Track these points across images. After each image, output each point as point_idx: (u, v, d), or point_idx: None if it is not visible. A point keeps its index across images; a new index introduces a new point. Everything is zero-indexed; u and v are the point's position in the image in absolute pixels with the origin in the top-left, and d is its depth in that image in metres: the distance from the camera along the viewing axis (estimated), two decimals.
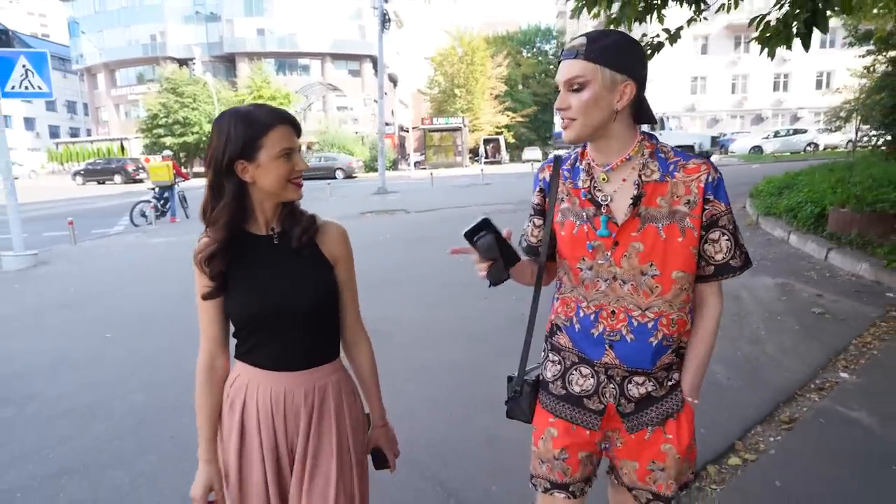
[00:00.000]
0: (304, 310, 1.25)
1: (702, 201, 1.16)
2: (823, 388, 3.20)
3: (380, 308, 4.85)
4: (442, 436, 2.81)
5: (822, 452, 2.59)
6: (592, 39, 1.14)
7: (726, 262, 1.19)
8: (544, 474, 1.34)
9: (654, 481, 1.27)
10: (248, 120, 1.16)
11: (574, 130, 1.16)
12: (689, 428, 1.27)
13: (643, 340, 1.20)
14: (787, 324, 4.16)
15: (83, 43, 45.56)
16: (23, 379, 3.73)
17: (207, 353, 1.28)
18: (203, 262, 1.20)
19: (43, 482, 2.53)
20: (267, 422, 1.24)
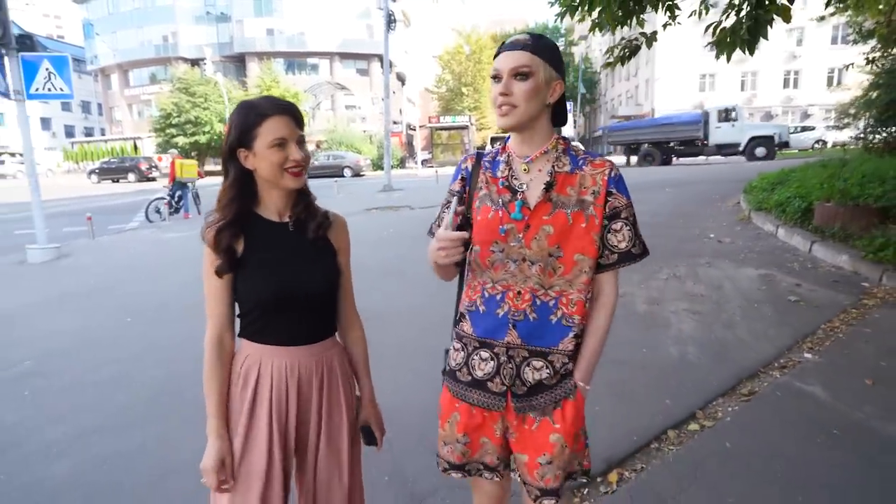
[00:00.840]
0: (320, 290, 1.36)
1: (605, 193, 1.28)
2: (786, 366, 3.46)
3: (381, 297, 5.17)
4: (429, 403, 3.10)
5: (773, 420, 2.85)
6: (536, 37, 1.26)
7: (628, 251, 1.30)
8: (445, 455, 1.43)
9: (542, 476, 1.32)
10: (247, 110, 1.25)
11: (514, 117, 1.25)
12: (578, 416, 1.32)
13: (544, 318, 1.28)
14: (762, 310, 4.41)
15: (97, 44, 46.33)
16: (54, 356, 4.08)
17: (216, 330, 1.32)
18: (212, 237, 1.26)
19: (75, 439, 2.87)
20: (280, 394, 1.31)
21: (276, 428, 1.30)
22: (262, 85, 36.14)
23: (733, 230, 7.40)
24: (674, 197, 10.35)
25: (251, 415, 1.30)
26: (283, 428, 1.32)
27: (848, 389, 3.10)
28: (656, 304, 4.65)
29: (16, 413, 3.21)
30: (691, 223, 7.94)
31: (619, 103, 48.65)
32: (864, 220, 5.68)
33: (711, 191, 10.91)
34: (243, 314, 1.34)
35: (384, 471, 2.49)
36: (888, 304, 4.39)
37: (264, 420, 1.30)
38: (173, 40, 45.15)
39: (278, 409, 1.31)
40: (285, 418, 1.32)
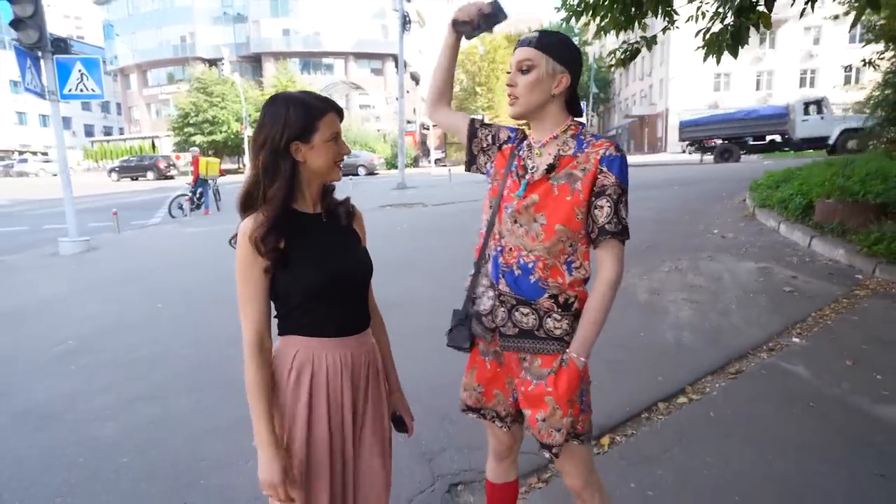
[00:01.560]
0: (365, 277, 1.40)
1: (595, 170, 1.35)
2: (774, 349, 3.69)
3: (397, 287, 5.46)
4: (439, 378, 3.39)
5: (755, 394, 3.09)
6: (544, 34, 1.38)
7: (603, 226, 1.35)
8: (465, 399, 1.62)
9: (539, 431, 1.44)
10: (305, 104, 1.26)
11: (518, 106, 1.40)
12: (570, 385, 1.38)
13: (525, 277, 1.40)
14: (757, 300, 4.63)
15: (117, 44, 47.29)
16: (94, 337, 4.43)
17: (255, 332, 1.27)
18: (259, 240, 1.23)
19: (121, 406, 3.19)
20: (336, 386, 1.32)
21: (335, 421, 1.32)
22: (278, 85, 36.69)
23: (737, 226, 7.59)
24: (682, 194, 10.53)
25: (310, 410, 1.30)
26: (341, 420, 1.33)
27: (828, 369, 3.32)
28: (656, 294, 4.88)
29: (66, 384, 3.55)
30: (697, 219, 8.13)
31: (632, 103, 48.55)
32: (863, 216, 5.85)
33: (719, 189, 11.06)
34: (289, 311, 1.32)
35: (400, 434, 2.77)
36: (878, 294, 4.58)
37: (324, 415, 1.31)
38: (191, 41, 45.95)
39: (336, 401, 1.32)
40: (341, 410, 1.33)
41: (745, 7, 3.37)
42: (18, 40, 7.28)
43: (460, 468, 2.50)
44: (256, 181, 1.27)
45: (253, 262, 1.25)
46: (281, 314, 1.34)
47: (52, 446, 2.78)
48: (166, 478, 2.48)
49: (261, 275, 1.26)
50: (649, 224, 7.74)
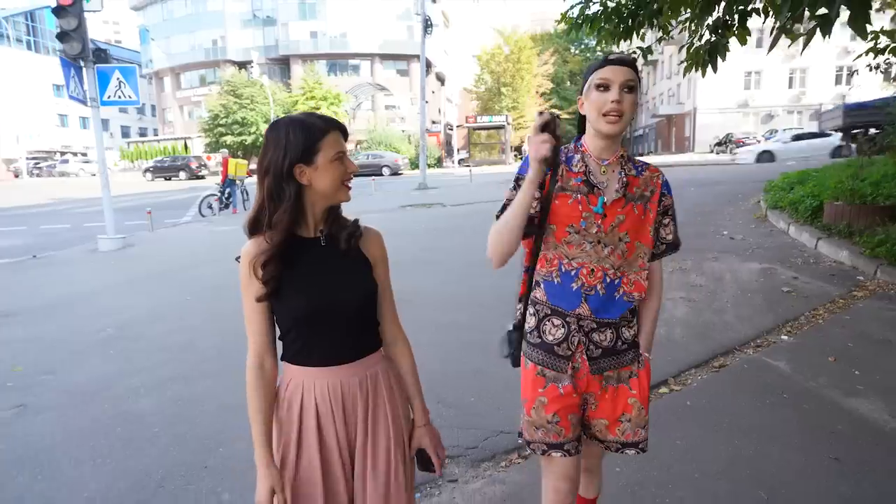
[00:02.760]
0: (356, 304, 1.32)
1: (659, 193, 1.52)
2: (761, 345, 3.86)
3: (408, 282, 5.74)
4: (441, 368, 3.67)
5: (733, 386, 3.29)
6: (630, 58, 1.46)
7: (673, 242, 1.57)
8: (540, 438, 1.53)
9: (623, 432, 1.53)
10: (305, 126, 1.23)
11: (622, 123, 1.41)
12: (648, 381, 1.57)
13: (611, 294, 1.47)
14: (753, 299, 4.78)
15: (152, 49, 48.87)
16: (131, 325, 4.84)
17: (257, 354, 1.29)
18: (260, 267, 1.23)
19: (154, 385, 3.57)
20: (327, 416, 1.29)
21: (325, 454, 1.29)
22: (305, 86, 37.47)
23: (748, 228, 7.67)
24: (697, 196, 10.57)
25: (300, 443, 1.29)
26: (337, 452, 1.30)
27: (809, 365, 3.49)
28: None
29: (106, 365, 3.95)
30: (708, 221, 8.23)
31: (660, 102, 47.97)
32: (870, 219, 5.91)
33: (735, 191, 11.06)
34: (283, 336, 1.32)
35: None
36: (876, 296, 4.68)
37: (314, 448, 1.29)
38: (222, 44, 47.15)
39: (327, 433, 1.30)
40: (335, 442, 1.30)
41: (721, 25, 3.54)
42: (63, 51, 7.83)
43: (450, 444, 2.77)
44: (262, 206, 1.26)
45: (249, 285, 1.26)
46: (280, 339, 1.33)
47: (95, 417, 3.16)
48: (191, 445, 2.83)
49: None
50: None
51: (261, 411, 1.28)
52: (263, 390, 1.29)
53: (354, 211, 1.38)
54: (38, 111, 48.88)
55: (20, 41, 50.53)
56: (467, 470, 2.60)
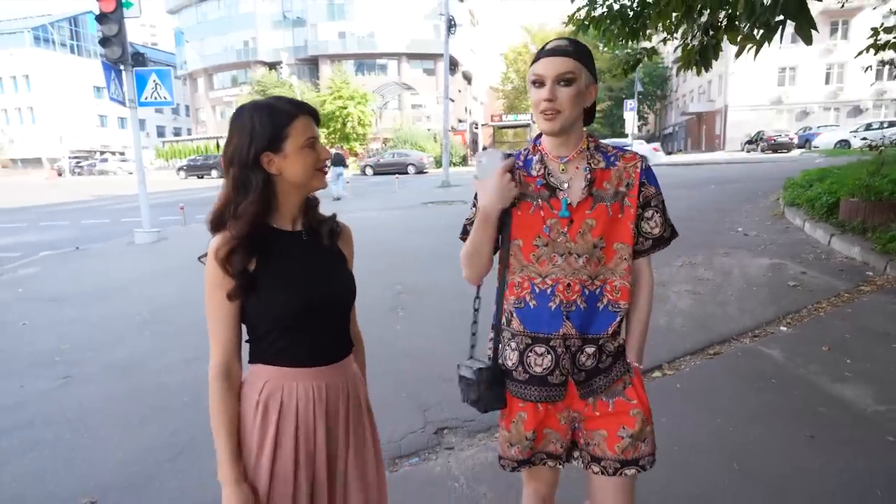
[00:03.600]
0: (344, 300, 1.28)
1: (638, 184, 1.34)
2: (758, 335, 3.98)
3: (426, 274, 6.04)
4: (449, 349, 3.89)
5: (725, 371, 3.43)
6: (574, 43, 1.29)
7: (660, 236, 1.38)
8: (513, 455, 1.43)
9: (623, 449, 1.35)
10: (271, 111, 1.16)
11: (559, 121, 1.27)
12: (644, 389, 1.41)
13: (593, 306, 1.33)
14: (758, 293, 4.87)
15: (186, 50, 50.33)
16: (163, 311, 5.22)
17: (223, 361, 1.20)
18: (224, 260, 1.14)
19: (183, 363, 3.89)
20: (308, 422, 1.21)
21: (303, 460, 1.21)
22: (333, 86, 38.11)
23: (763, 224, 7.68)
24: (715, 194, 10.56)
25: (275, 447, 1.19)
26: (312, 458, 1.22)
27: (803, 354, 3.60)
28: (662, 285, 5.19)
29: (141, 345, 4.31)
30: (724, 218, 8.25)
31: (690, 99, 47.16)
32: (885, 215, 5.90)
33: (755, 188, 10.98)
34: (258, 337, 1.22)
35: (403, 390, 3.31)
36: (883, 290, 4.72)
37: (289, 453, 1.20)
38: (253, 45, 48.22)
39: (306, 438, 1.21)
40: (314, 447, 1.22)
41: (711, 27, 3.66)
42: (105, 55, 8.32)
43: (449, 417, 3.00)
44: (228, 199, 1.18)
45: (220, 283, 1.16)
46: (251, 340, 1.24)
47: (132, 389, 3.50)
48: None
49: (225, 298, 1.16)
50: (676, 224, 7.86)
51: (229, 423, 1.18)
52: (231, 401, 1.20)
53: (377, 208, 1.51)
54: (80, 112, 50.97)
55: (64, 45, 52.66)
56: (463, 440, 2.82)
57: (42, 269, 7.54)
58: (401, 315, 4.69)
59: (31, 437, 2.96)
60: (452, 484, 2.45)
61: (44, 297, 5.93)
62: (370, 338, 1.43)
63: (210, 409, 1.18)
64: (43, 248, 8.98)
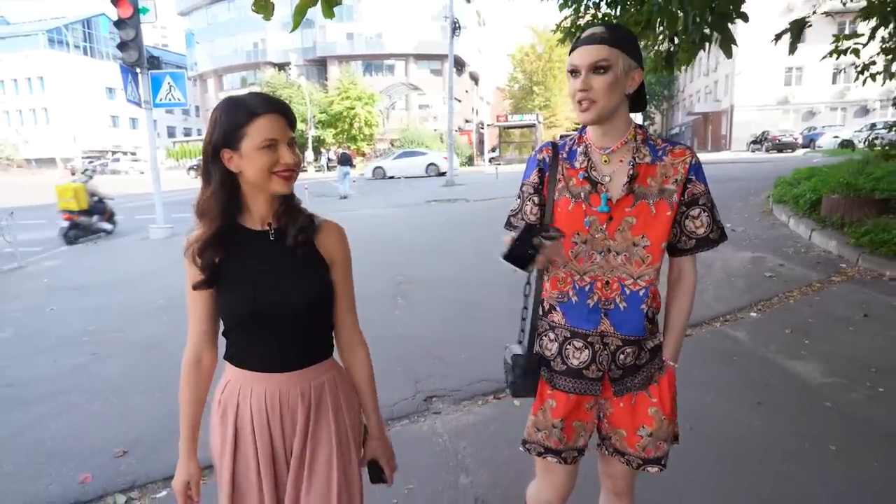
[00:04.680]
0: (296, 310, 1.20)
1: (685, 180, 1.28)
2: (729, 320, 4.29)
3: (426, 267, 6.39)
4: (444, 334, 4.25)
5: (692, 351, 3.70)
6: (611, 28, 1.25)
7: (706, 236, 1.32)
8: (540, 440, 1.42)
9: (644, 448, 1.36)
10: (235, 107, 1.13)
11: (595, 111, 1.23)
12: (672, 391, 1.37)
13: (635, 308, 1.29)
14: (735, 283, 5.17)
15: (197, 52, 51.05)
16: (179, 298, 5.52)
17: (195, 346, 1.24)
18: (195, 254, 1.16)
19: None
20: (262, 425, 1.21)
21: (262, 461, 1.21)
22: (341, 87, 38.58)
23: (752, 221, 7.97)
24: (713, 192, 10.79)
25: (235, 447, 1.21)
26: (271, 461, 1.22)
27: (766, 335, 3.92)
28: None
29: (160, 328, 4.69)
30: None
31: (696, 100, 47.24)
32: (863, 211, 6.17)
33: (750, 187, 11.24)
34: (225, 333, 1.24)
35: (398, 365, 3.66)
36: (853, 281, 5.01)
37: (251, 452, 1.22)
38: (262, 46, 48.81)
39: (263, 440, 1.21)
40: (271, 451, 1.22)
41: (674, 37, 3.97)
42: (122, 59, 8.74)
43: (437, 387, 3.35)
44: (200, 190, 1.20)
45: (189, 272, 1.20)
46: (224, 335, 1.25)
47: (152, 363, 3.88)
48: None
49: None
50: None
51: (190, 405, 1.25)
52: (197, 387, 1.25)
53: (382, 206, 1.64)
54: (92, 113, 51.79)
55: (77, 47, 53.54)
56: (449, 406, 3.16)
57: (64, 262, 7.97)
58: (400, 303, 5.03)
59: (67, 401, 3.34)
60: (437, 439, 2.80)
61: (68, 286, 6.34)
62: (372, 323, 1.38)
63: (180, 391, 1.26)
64: (62, 243, 9.42)
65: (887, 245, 5.14)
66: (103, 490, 2.45)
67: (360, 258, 1.54)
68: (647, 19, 3.48)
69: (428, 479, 2.44)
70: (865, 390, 3.05)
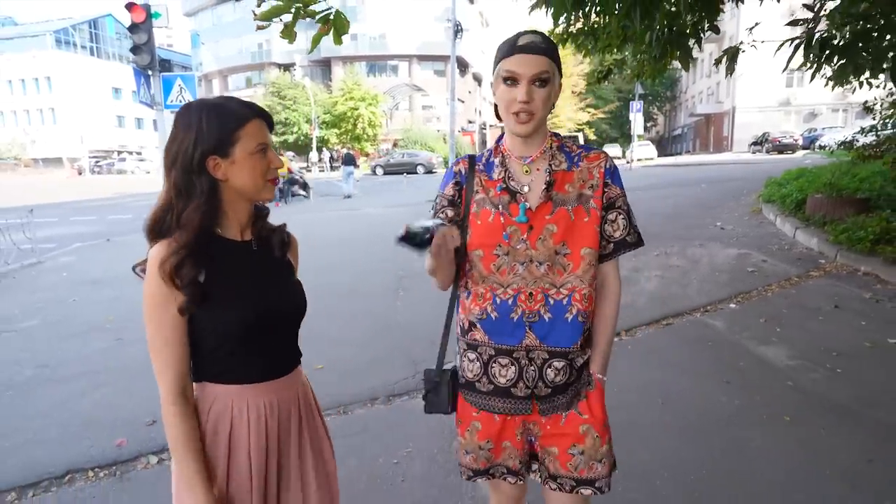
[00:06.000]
0: (298, 314, 1.25)
1: (602, 185, 1.28)
2: (709, 310, 4.59)
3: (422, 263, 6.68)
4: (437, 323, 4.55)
5: (671, 337, 4.05)
6: (545, 39, 1.21)
7: (623, 239, 1.32)
8: (468, 463, 1.39)
9: (576, 467, 1.30)
10: (221, 112, 1.09)
11: (534, 123, 1.22)
12: (602, 405, 1.33)
13: (560, 317, 1.26)
14: (719, 277, 5.47)
15: (202, 52, 51.52)
16: None
17: (177, 382, 1.10)
18: (172, 272, 1.05)
19: None
20: (260, 439, 1.17)
21: (255, 476, 1.17)
22: (345, 87, 38.94)
23: (741, 220, 8.25)
24: (704, 192, 11.12)
25: (228, 467, 1.16)
26: (263, 471, 1.18)
27: (741, 324, 4.21)
28: (635, 271, 5.81)
29: None
30: (707, 214, 8.82)
31: (698, 101, 47.43)
32: (844, 210, 6.46)
33: (742, 187, 11.51)
34: (206, 354, 1.14)
35: (398, 349, 3.97)
36: (830, 275, 5.30)
37: (244, 471, 1.16)
38: (267, 47, 49.20)
39: (258, 455, 1.17)
40: (265, 463, 1.19)
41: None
42: (135, 62, 9.07)
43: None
44: (169, 204, 1.11)
45: (166, 299, 1.06)
46: (196, 358, 1.15)
47: None
48: None
49: (176, 314, 1.07)
50: (659, 219, 8.54)
51: (193, 441, 1.11)
52: (192, 424, 1.12)
53: (385, 205, 1.81)
54: (99, 113, 52.29)
55: (84, 48, 54.08)
56: None
57: (79, 258, 8.31)
58: (401, 294, 5.33)
59: (98, 379, 3.66)
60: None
61: (86, 279, 6.67)
62: (376, 313, 1.49)
63: (170, 437, 1.10)
64: (75, 241, 9.77)
65: (862, 242, 5.42)
66: (138, 452, 2.77)
67: (363, 254, 1.81)
68: (624, 35, 3.78)
69: (425, 443, 2.75)
70: (825, 371, 3.35)
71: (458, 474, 2.66)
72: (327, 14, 2.59)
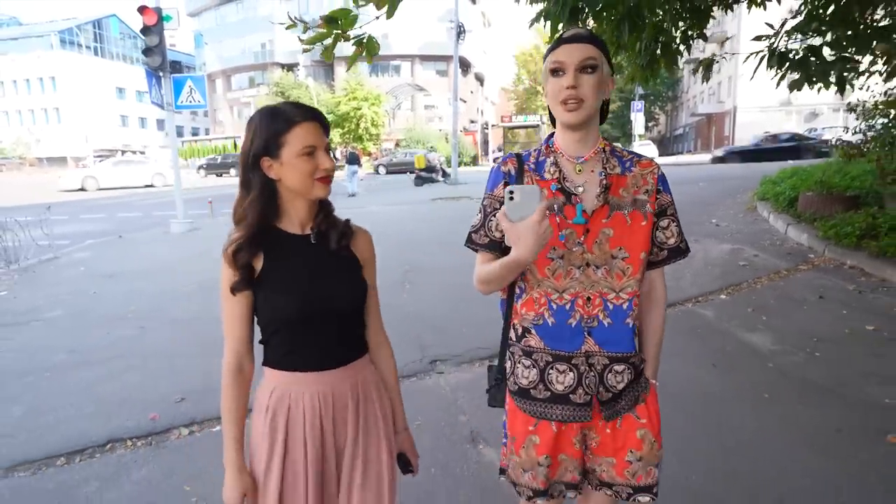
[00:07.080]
0: (349, 307, 1.29)
1: (655, 192, 1.27)
2: (700, 301, 4.83)
3: (429, 256, 6.94)
4: (446, 313, 4.81)
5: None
6: (589, 31, 1.24)
7: (677, 246, 1.31)
8: (527, 482, 1.33)
9: (634, 474, 1.29)
10: (273, 116, 1.17)
11: (584, 111, 1.19)
12: (657, 410, 1.34)
13: (620, 322, 1.24)
14: (711, 271, 5.71)
15: (205, 52, 51.82)
16: (207, 283, 6.18)
17: (235, 354, 1.25)
18: (231, 255, 1.20)
19: None
20: (314, 428, 1.24)
21: (311, 467, 1.23)
22: (348, 87, 39.21)
23: (737, 217, 8.48)
24: (702, 190, 11.34)
25: (285, 453, 1.24)
26: (321, 464, 1.25)
27: (729, 313, 4.45)
28: None
29: (194, 307, 5.27)
30: (703, 211, 9.05)
31: (700, 101, 47.59)
32: (833, 207, 6.69)
33: (740, 185, 11.74)
34: (267, 339, 1.27)
35: (407, 335, 4.21)
36: (817, 269, 5.53)
37: (300, 459, 1.24)
38: (270, 47, 49.43)
39: (314, 444, 1.24)
40: (321, 453, 1.25)
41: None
42: (147, 63, 9.34)
43: (441, 353, 3.90)
44: (238, 197, 1.24)
45: (226, 275, 1.23)
46: (263, 342, 1.28)
47: (192, 334, 4.46)
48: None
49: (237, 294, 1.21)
50: None
51: (235, 412, 1.24)
52: (240, 394, 1.26)
53: (390, 203, 1.99)
54: (103, 112, 52.65)
55: (88, 48, 54.48)
56: (451, 367, 3.72)
57: (94, 254, 8.56)
58: (407, 287, 5.59)
59: (126, 363, 3.92)
60: (440, 391, 3.36)
61: (103, 274, 6.93)
62: (383, 305, 1.47)
63: (221, 403, 1.25)
64: (87, 237, 10.02)
65: (849, 237, 5.65)
66: (170, 424, 3.03)
67: None
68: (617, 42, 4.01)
69: (433, 417, 3.01)
70: (805, 354, 3.59)
71: (463, 442, 2.97)
72: (361, 38, 3.07)
